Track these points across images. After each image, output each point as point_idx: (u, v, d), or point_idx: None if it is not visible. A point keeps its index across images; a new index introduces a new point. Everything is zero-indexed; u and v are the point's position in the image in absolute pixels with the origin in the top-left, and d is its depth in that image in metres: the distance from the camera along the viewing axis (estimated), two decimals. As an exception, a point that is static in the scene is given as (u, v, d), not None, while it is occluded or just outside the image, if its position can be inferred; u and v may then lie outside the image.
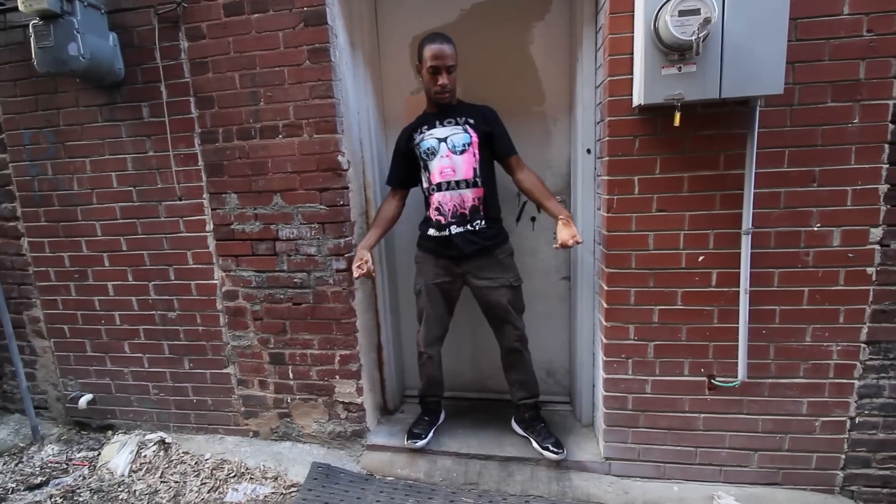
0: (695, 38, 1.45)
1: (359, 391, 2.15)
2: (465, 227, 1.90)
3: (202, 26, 1.98)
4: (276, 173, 2.03)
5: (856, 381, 1.79)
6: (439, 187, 1.90)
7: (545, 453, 2.02)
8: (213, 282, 2.18)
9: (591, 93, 1.97)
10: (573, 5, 2.02)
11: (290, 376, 2.20)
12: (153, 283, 2.24)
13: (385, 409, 2.42)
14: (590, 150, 2.01)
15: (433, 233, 1.95)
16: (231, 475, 2.12)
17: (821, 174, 1.69)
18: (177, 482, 2.10)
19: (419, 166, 1.96)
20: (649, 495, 1.90)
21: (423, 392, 2.22)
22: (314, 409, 2.20)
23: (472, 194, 1.89)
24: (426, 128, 1.93)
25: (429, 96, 1.93)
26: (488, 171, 1.94)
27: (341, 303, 2.07)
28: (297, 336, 2.15)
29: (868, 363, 1.78)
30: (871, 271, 1.72)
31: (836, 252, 1.72)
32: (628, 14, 1.68)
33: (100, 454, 2.31)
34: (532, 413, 2.13)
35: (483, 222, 1.91)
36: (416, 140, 1.93)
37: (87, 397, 2.41)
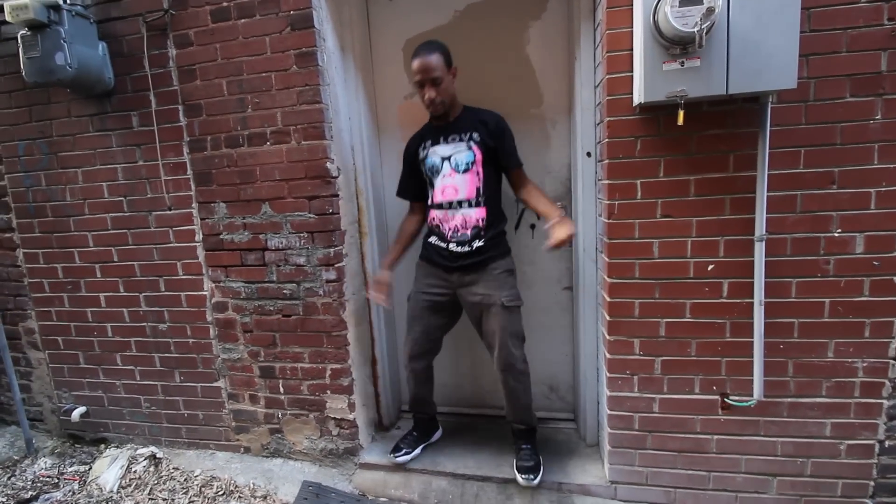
0: (697, 29, 1.34)
1: (351, 407, 2.06)
2: (464, 248, 1.82)
3: (190, 33, 1.95)
4: (264, 181, 1.97)
5: (884, 401, 1.64)
6: (440, 206, 1.84)
7: (517, 476, 1.89)
8: (203, 293, 2.13)
9: (591, 93, 1.87)
10: (571, 2, 1.93)
11: (281, 391, 2.12)
12: (144, 294, 2.20)
13: (380, 426, 2.33)
14: (590, 154, 1.91)
15: (433, 241, 1.90)
16: (220, 493, 2.05)
17: (840, 175, 1.55)
18: (165, 499, 2.04)
19: (425, 181, 1.91)
20: (658, 523, 1.77)
21: (410, 407, 2.15)
22: (305, 425, 2.12)
23: (476, 214, 1.81)
24: (430, 143, 1.86)
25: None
26: (493, 187, 1.85)
27: (332, 314, 2.00)
28: (288, 349, 2.08)
29: (899, 381, 1.62)
30: (899, 281, 1.57)
31: (860, 260, 1.58)
32: (627, 7, 1.58)
33: (91, 468, 2.27)
34: (522, 433, 2.00)
35: (482, 241, 1.81)
36: (421, 155, 1.88)
37: (81, 410, 2.38)
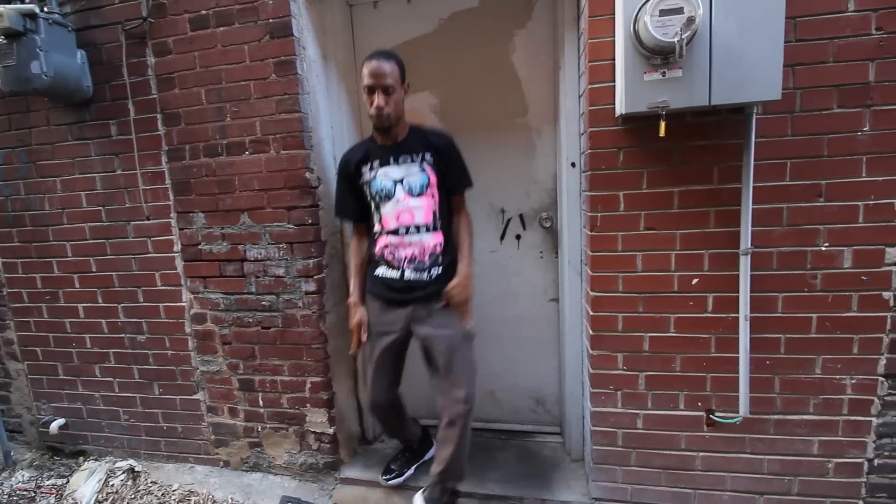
0: (677, 39, 1.31)
1: (331, 421, 2.02)
2: (420, 275, 1.67)
3: (168, 41, 1.92)
4: (243, 191, 1.94)
5: (873, 419, 1.60)
6: (396, 232, 1.67)
7: None
8: (182, 304, 2.10)
9: (575, 102, 1.84)
10: (555, 11, 1.90)
11: (261, 404, 2.08)
12: (122, 304, 2.16)
13: (363, 439, 2.29)
14: (574, 164, 1.87)
15: (382, 272, 1.72)
16: (197, 509, 2.01)
17: (828, 188, 1.52)
18: (141, 515, 2.00)
19: (368, 204, 1.73)
20: (643, 542, 1.73)
21: (391, 436, 2.05)
22: (285, 438, 2.08)
23: (433, 240, 1.68)
24: (378, 163, 1.68)
25: (375, 128, 1.69)
26: (446, 211, 1.73)
27: (311, 327, 1.96)
28: (267, 361, 2.04)
29: (887, 398, 1.58)
30: (888, 296, 1.53)
31: (848, 274, 1.54)
32: (609, 17, 1.55)
33: (69, 482, 2.23)
34: (453, 494, 1.78)
35: (440, 270, 1.68)
36: (366, 177, 1.69)
37: (59, 422, 2.34)
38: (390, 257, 1.70)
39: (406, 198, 1.65)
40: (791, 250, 1.56)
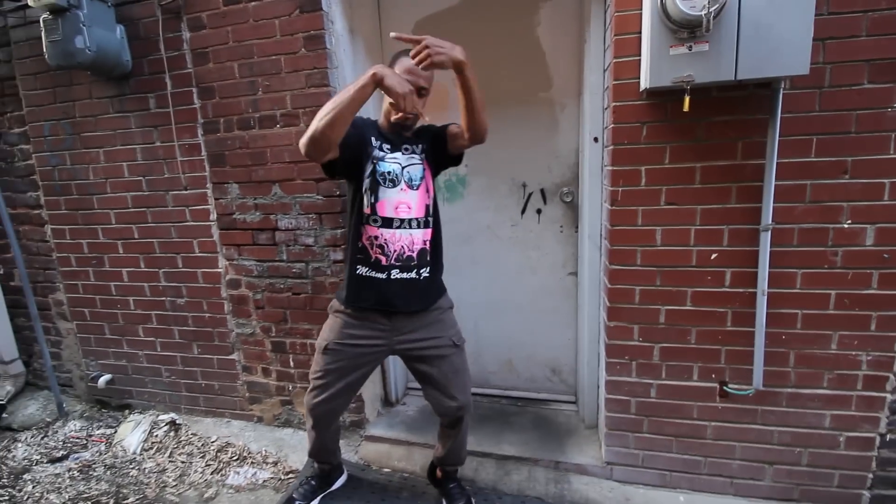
0: (705, 12, 1.31)
1: (357, 383, 2.14)
2: (409, 274, 1.55)
3: (202, 16, 1.98)
4: (274, 163, 2.02)
5: (888, 395, 1.62)
6: (388, 224, 1.53)
7: None
8: (218, 270, 2.22)
9: (599, 77, 1.84)
10: (583, -18, 1.89)
11: (291, 365, 2.22)
12: (163, 270, 2.30)
13: (387, 401, 2.41)
14: (597, 139, 1.89)
15: (365, 272, 1.54)
16: (234, 458, 2.17)
17: (853, 165, 1.51)
18: (183, 462, 2.17)
19: (361, 179, 1.52)
20: (652, 503, 1.81)
21: (311, 455, 1.82)
22: (314, 398, 2.22)
23: (423, 236, 1.58)
24: (388, 147, 1.55)
25: (386, 117, 1.56)
26: (437, 207, 1.65)
27: (339, 294, 2.06)
28: (297, 325, 2.16)
29: (903, 376, 1.60)
30: (909, 274, 1.53)
31: (869, 252, 1.54)
32: (636, -11, 1.55)
33: (116, 431, 2.42)
34: (453, 474, 1.85)
35: (428, 270, 1.59)
36: (376, 153, 1.53)
37: (106, 377, 2.53)
38: (378, 252, 1.53)
39: (406, 189, 1.54)
40: (813, 227, 1.57)
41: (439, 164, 1.64)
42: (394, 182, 1.53)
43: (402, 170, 1.55)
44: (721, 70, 1.41)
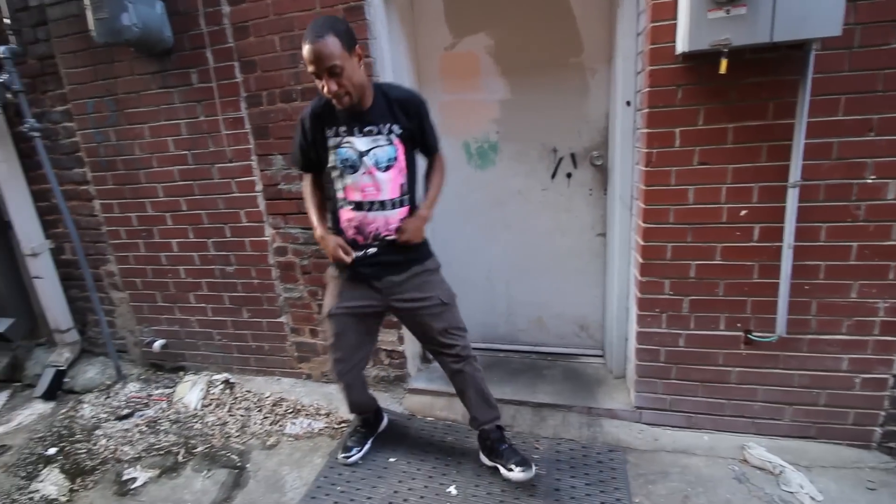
0: (745, -23, 1.37)
1: (400, 340, 2.29)
2: (387, 248, 1.64)
3: (242, -10, 2.03)
4: (317, 134, 2.11)
5: (902, 339, 1.75)
6: (360, 207, 1.60)
7: (511, 475, 1.75)
8: (265, 238, 2.34)
9: (633, 41, 1.90)
10: (616, -54, 1.91)
11: (337, 326, 2.37)
12: (212, 240, 2.43)
13: (424, 358, 2.57)
14: (629, 103, 1.96)
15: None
16: (289, 411, 2.36)
17: (879, 122, 1.59)
18: (242, 416, 2.36)
19: (330, 165, 1.62)
20: (679, 443, 1.97)
21: (352, 411, 1.99)
22: (360, 356, 2.38)
23: (398, 215, 1.62)
24: (343, 130, 1.56)
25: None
26: (414, 177, 1.67)
27: (382, 258, 2.18)
28: (342, 289, 2.29)
29: (917, 320, 1.72)
30: (927, 226, 1.63)
31: (891, 206, 1.64)
32: (674, -46, 1.59)
33: (174, 391, 2.61)
34: (495, 436, 1.85)
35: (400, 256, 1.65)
36: (331, 142, 1.58)
37: (161, 342, 2.70)
38: (355, 233, 1.63)
39: (372, 171, 1.56)
40: (838, 183, 1.66)
41: (418, 142, 1.67)
42: (353, 168, 1.57)
43: (363, 155, 1.56)
44: (757, 32, 1.47)
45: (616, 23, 1.96)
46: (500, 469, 1.80)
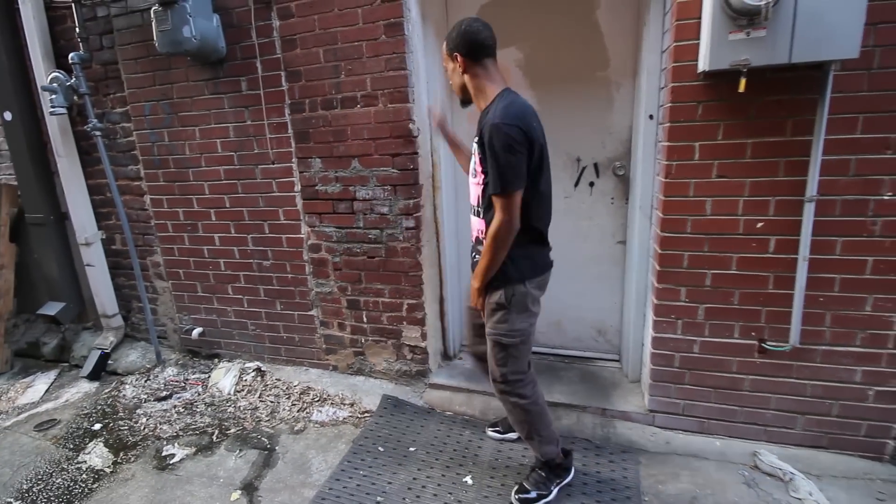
0: (764, 2, 1.45)
1: (423, 336, 2.41)
2: (474, 259, 1.72)
3: (291, 6, 2.20)
4: (354, 140, 2.26)
5: (917, 353, 1.78)
6: (471, 210, 1.73)
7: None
8: (301, 236, 2.50)
9: (657, 58, 1.99)
10: (643, -32, 2.01)
11: (365, 320, 2.50)
12: (251, 235, 2.59)
13: (445, 355, 2.68)
14: (652, 116, 2.04)
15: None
16: (315, 400, 2.49)
17: (897, 141, 1.64)
18: (272, 402, 2.51)
19: None
20: (690, 447, 2.03)
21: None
22: (384, 349, 2.51)
23: (478, 225, 1.68)
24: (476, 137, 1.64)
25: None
26: (490, 201, 1.56)
27: (409, 257, 2.31)
28: (371, 285, 2.43)
29: (933, 335, 1.75)
30: (944, 242, 1.67)
31: (907, 221, 1.68)
32: (698, -22, 1.68)
33: (209, 376, 2.78)
34: (536, 460, 1.84)
35: (478, 256, 1.64)
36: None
37: (199, 330, 2.88)
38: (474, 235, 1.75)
39: (472, 177, 1.68)
40: (855, 198, 1.71)
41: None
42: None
43: (470, 160, 1.69)
44: (776, 54, 1.55)
45: (642, 40, 2.05)
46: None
